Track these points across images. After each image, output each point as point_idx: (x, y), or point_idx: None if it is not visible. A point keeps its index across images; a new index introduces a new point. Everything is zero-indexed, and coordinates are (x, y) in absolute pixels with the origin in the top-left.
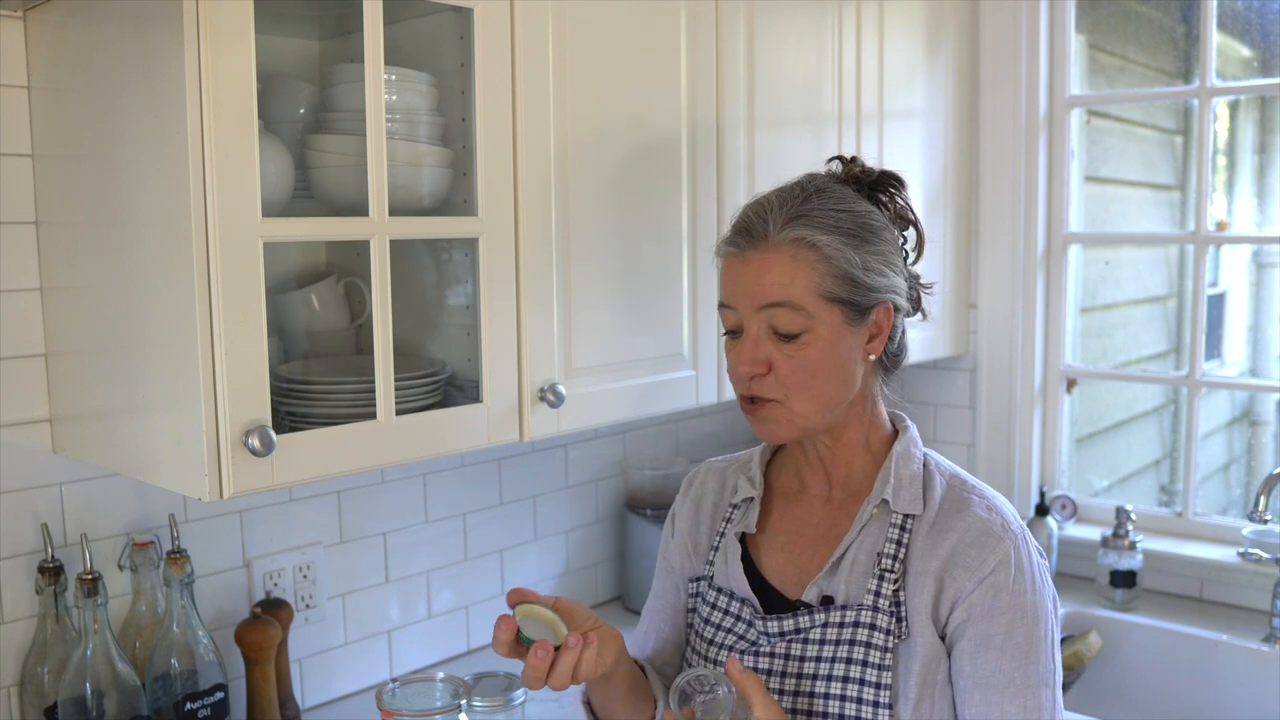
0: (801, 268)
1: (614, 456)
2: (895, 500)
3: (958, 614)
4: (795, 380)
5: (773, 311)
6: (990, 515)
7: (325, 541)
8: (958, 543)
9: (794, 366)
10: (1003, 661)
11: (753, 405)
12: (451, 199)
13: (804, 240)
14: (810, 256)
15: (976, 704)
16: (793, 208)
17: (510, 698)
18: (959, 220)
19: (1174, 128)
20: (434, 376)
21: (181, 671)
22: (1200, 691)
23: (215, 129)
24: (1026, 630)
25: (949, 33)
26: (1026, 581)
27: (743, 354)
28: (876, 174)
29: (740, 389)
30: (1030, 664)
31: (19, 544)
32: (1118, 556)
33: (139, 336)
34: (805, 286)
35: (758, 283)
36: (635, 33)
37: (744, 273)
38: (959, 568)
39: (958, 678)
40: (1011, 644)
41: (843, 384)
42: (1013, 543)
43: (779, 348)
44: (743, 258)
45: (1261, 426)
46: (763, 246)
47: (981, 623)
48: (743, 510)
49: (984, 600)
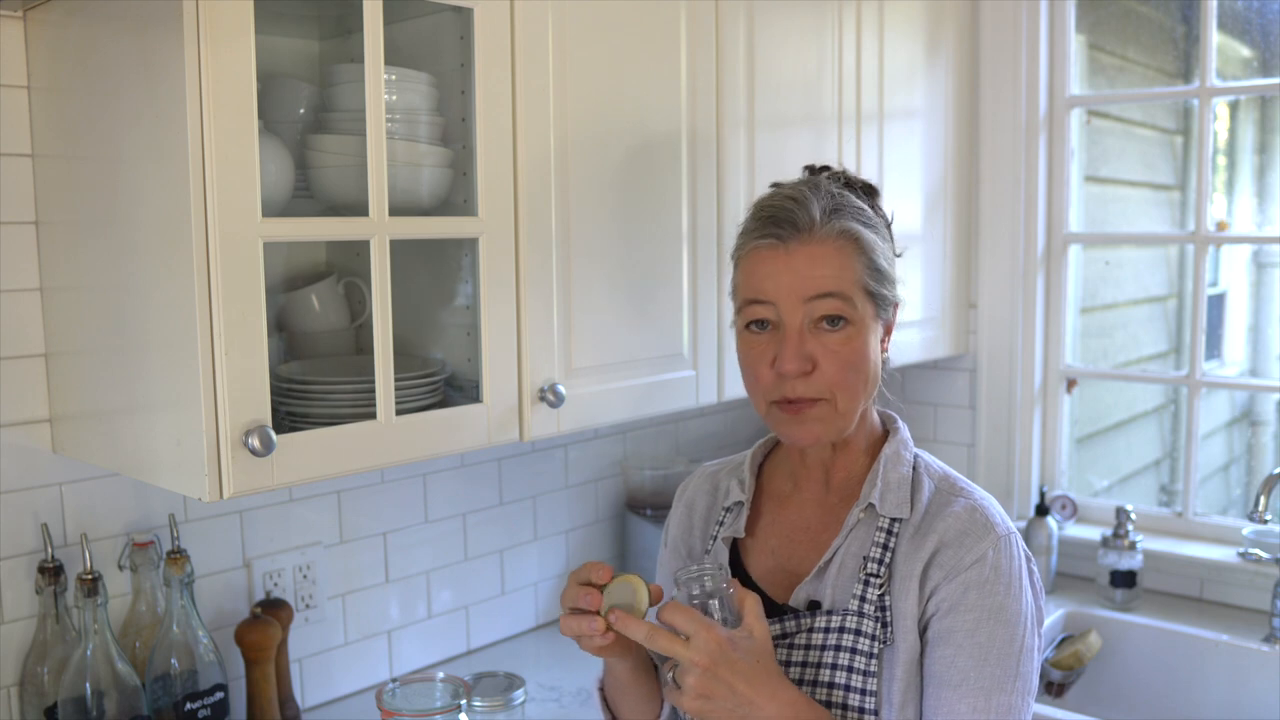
0: (848, 258)
1: (614, 456)
2: (881, 504)
3: (929, 608)
4: (840, 376)
5: (820, 302)
6: (973, 515)
7: (325, 541)
8: (938, 543)
9: (839, 362)
10: (958, 657)
11: (792, 406)
12: (451, 199)
13: (849, 232)
14: (853, 248)
15: (930, 697)
16: (828, 200)
17: (510, 698)
18: (959, 220)
19: (1174, 128)
20: (434, 376)
21: (181, 671)
22: (1200, 692)
23: (215, 129)
24: (991, 632)
25: (949, 33)
26: (1001, 584)
27: (788, 352)
28: (860, 184)
29: (776, 392)
30: (988, 665)
31: (19, 544)
32: (1118, 556)
33: (139, 336)
34: (851, 278)
35: (807, 273)
36: (635, 33)
37: (787, 264)
38: (936, 566)
39: (924, 671)
40: (972, 642)
41: (873, 380)
42: (993, 543)
43: (823, 341)
44: (785, 248)
45: (1261, 426)
46: (808, 237)
47: (946, 618)
48: (734, 514)
49: (951, 595)
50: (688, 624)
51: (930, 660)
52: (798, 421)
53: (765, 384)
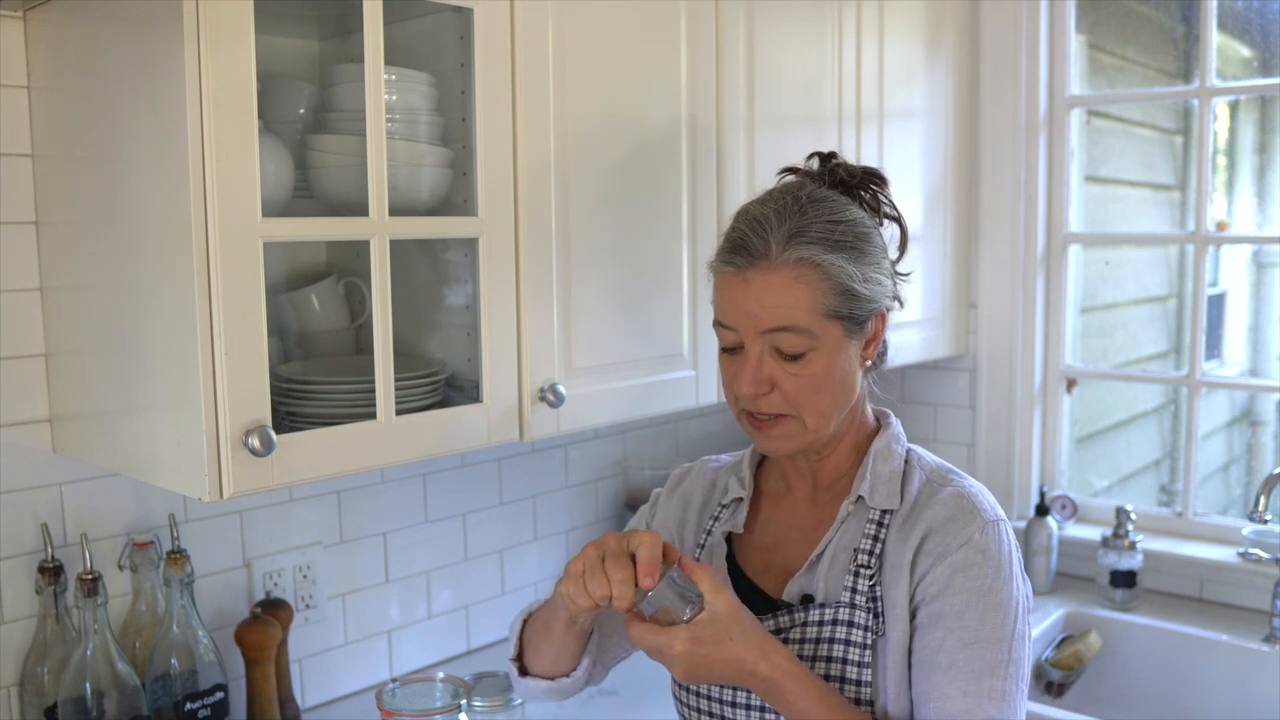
0: (804, 288)
1: (614, 456)
2: (871, 496)
3: (917, 594)
4: (801, 397)
5: (775, 335)
6: (960, 501)
7: (325, 541)
8: (926, 529)
9: (799, 385)
10: (947, 639)
11: (758, 422)
12: (451, 199)
13: (807, 260)
14: (812, 276)
15: (920, 683)
16: (791, 222)
17: (510, 698)
18: (959, 220)
19: (1174, 128)
20: (434, 376)
21: (181, 671)
22: (1200, 691)
23: (215, 129)
24: (980, 614)
25: (949, 33)
26: (990, 567)
27: (746, 376)
28: (860, 173)
29: (741, 405)
30: (978, 647)
31: (19, 544)
32: (1118, 556)
33: (139, 336)
34: (808, 307)
35: (760, 305)
36: (635, 32)
37: (744, 293)
38: (923, 553)
39: (914, 656)
40: (962, 625)
41: (846, 394)
42: (979, 528)
43: (783, 367)
44: (742, 277)
45: (1261, 426)
46: (763, 266)
47: (935, 601)
48: (731, 510)
49: (940, 578)
50: (654, 644)
51: (920, 645)
52: (764, 435)
53: (732, 400)
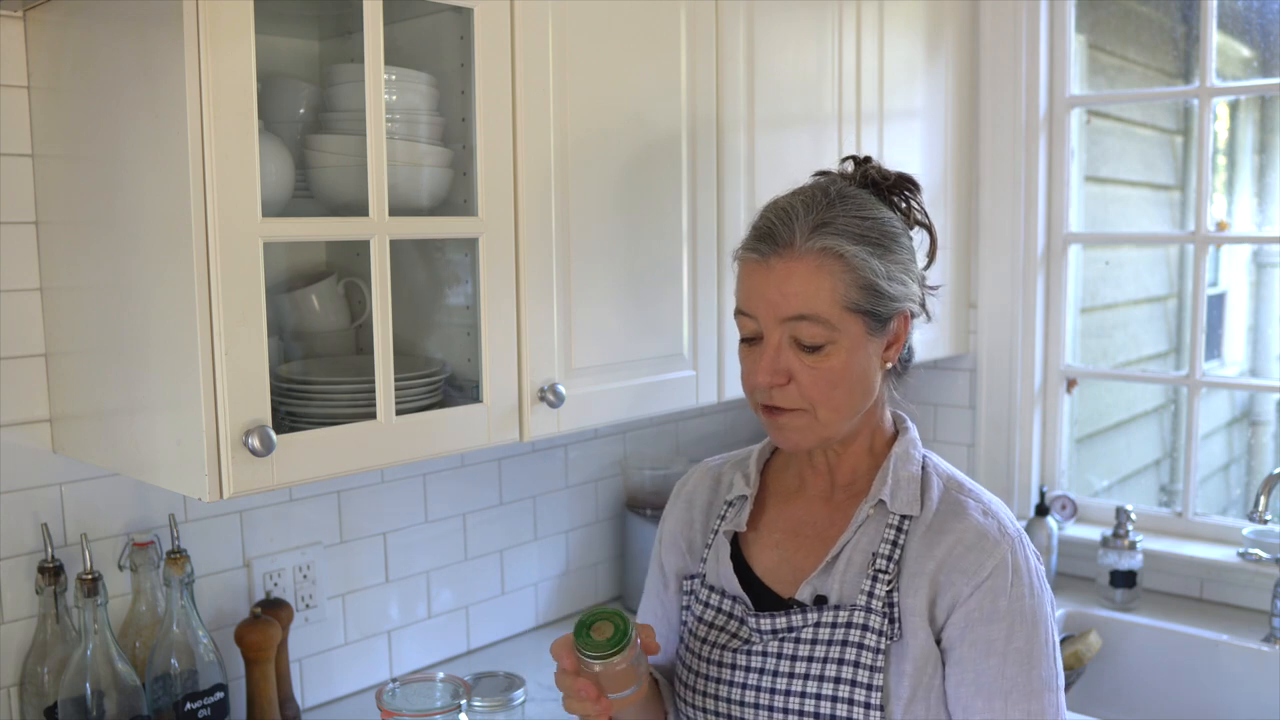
0: (826, 278)
1: (614, 456)
2: (892, 501)
3: (956, 619)
4: (817, 391)
5: (795, 324)
6: (986, 519)
7: (325, 541)
8: (954, 545)
9: (815, 378)
10: (1005, 666)
11: (773, 413)
12: (451, 199)
13: (830, 250)
14: (836, 266)
15: (979, 710)
16: (818, 214)
17: (510, 698)
18: (959, 220)
19: (1174, 128)
20: (434, 376)
21: (181, 671)
22: (1200, 691)
23: (215, 129)
24: (1027, 635)
25: (949, 33)
26: (1025, 586)
27: (763, 365)
28: (894, 177)
29: (758, 397)
30: (1033, 669)
31: (19, 544)
32: (1118, 556)
33: (139, 337)
34: (829, 298)
35: (780, 292)
36: (635, 33)
37: (767, 281)
38: (955, 571)
39: (957, 685)
40: (1013, 649)
41: (864, 393)
42: (1009, 547)
43: (800, 359)
44: (765, 264)
45: (1261, 426)
46: (787, 254)
47: (980, 627)
48: (736, 508)
49: (982, 605)
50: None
51: (976, 674)
52: (777, 427)
53: (749, 390)
